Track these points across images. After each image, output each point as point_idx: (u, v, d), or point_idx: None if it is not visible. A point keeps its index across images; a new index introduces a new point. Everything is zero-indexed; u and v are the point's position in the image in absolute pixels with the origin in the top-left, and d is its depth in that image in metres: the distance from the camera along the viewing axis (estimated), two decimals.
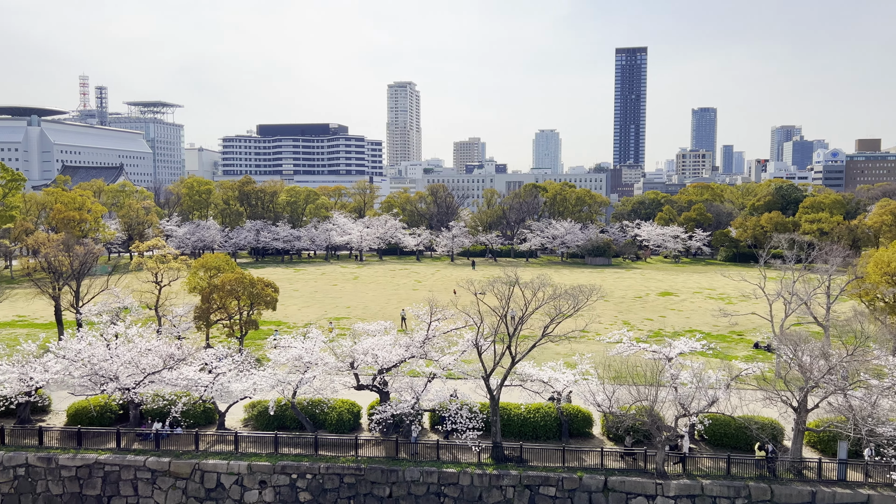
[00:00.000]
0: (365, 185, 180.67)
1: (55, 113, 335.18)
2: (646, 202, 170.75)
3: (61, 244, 62.71)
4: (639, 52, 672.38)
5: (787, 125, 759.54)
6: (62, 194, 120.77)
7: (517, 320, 39.85)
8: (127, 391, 42.00)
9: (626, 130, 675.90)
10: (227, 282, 56.45)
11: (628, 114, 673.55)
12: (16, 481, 39.78)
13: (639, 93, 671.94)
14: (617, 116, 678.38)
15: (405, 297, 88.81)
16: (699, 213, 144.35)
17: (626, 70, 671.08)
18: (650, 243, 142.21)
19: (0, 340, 50.34)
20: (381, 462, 38.68)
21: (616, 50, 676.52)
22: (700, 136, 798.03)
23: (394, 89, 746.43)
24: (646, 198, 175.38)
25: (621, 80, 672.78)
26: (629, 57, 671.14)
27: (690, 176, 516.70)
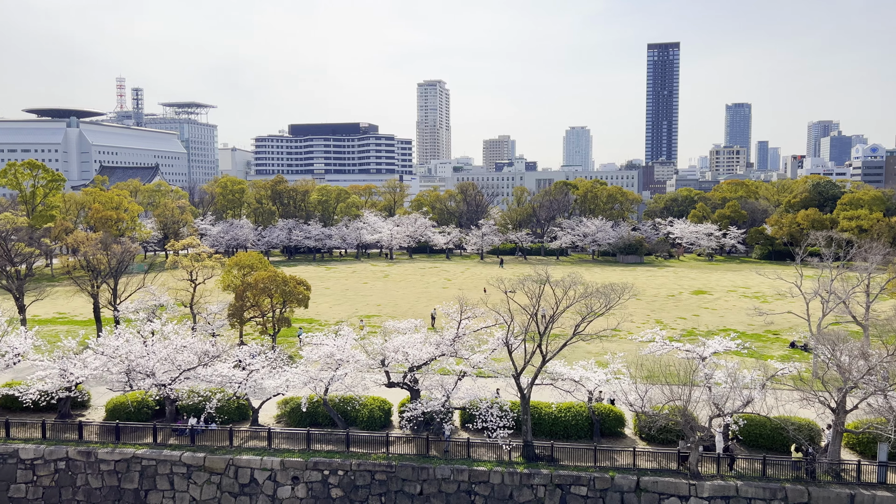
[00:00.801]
0: (395, 183, 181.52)
1: (93, 114, 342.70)
2: (678, 199, 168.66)
3: (99, 243, 64.08)
4: (671, 48, 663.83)
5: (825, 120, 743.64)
6: (100, 194, 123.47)
7: (548, 319, 39.68)
8: (163, 387, 42.81)
9: (659, 127, 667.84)
10: (260, 280, 57.15)
11: (660, 110, 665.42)
12: (57, 474, 40.82)
13: (671, 89, 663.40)
14: (649, 113, 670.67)
15: (435, 296, 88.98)
16: (733, 211, 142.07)
17: (659, 66, 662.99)
18: (683, 241, 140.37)
19: (41, 337, 51.63)
20: (411, 459, 38.85)
21: (648, 46, 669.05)
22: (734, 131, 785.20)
23: (423, 88, 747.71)
24: (678, 195, 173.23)
25: (653, 76, 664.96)
26: (661, 53, 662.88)
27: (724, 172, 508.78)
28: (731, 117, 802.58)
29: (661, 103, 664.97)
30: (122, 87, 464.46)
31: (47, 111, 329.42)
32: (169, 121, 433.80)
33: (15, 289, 64.85)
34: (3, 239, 70.01)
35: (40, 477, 40.82)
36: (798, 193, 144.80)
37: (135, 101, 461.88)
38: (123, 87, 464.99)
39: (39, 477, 40.82)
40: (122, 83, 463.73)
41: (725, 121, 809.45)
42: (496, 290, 54.91)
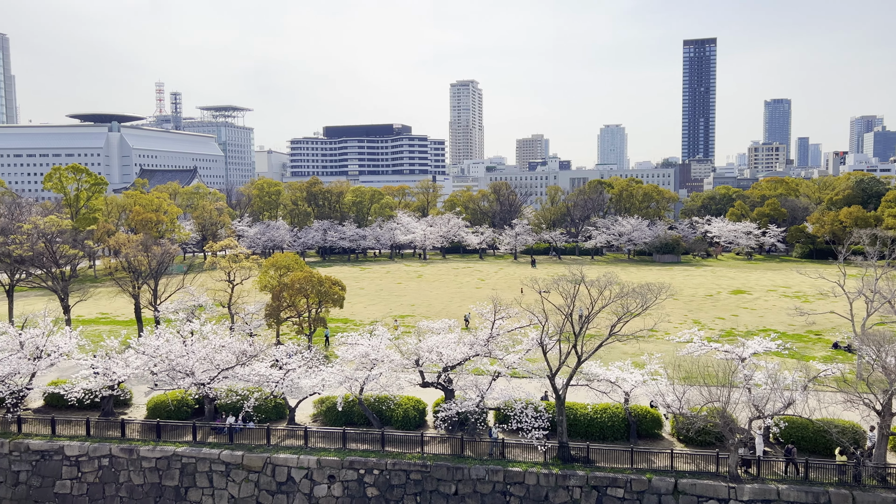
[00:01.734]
0: (428, 184, 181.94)
1: (133, 119, 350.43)
2: (716, 197, 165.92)
3: (140, 245, 65.49)
4: (707, 44, 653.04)
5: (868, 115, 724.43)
6: (140, 197, 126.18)
7: (583, 319, 39.37)
8: (202, 386, 43.57)
9: (695, 124, 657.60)
10: (296, 280, 57.81)
11: (697, 107, 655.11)
12: (100, 471, 41.83)
13: (708, 85, 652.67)
14: (685, 110, 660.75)
15: (468, 296, 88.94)
16: (773, 209, 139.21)
17: (695, 62, 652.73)
18: (721, 240, 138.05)
19: (85, 337, 53.02)
20: (446, 459, 38.89)
21: (684, 42, 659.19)
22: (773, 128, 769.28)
23: (456, 88, 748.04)
24: (716, 193, 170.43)
25: (689, 73, 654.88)
26: (697, 49, 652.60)
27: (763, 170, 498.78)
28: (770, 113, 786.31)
29: (697, 100, 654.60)
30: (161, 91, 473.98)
31: (90, 116, 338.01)
32: (206, 124, 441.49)
33: (60, 289, 66.62)
34: (48, 241, 71.97)
35: (85, 473, 41.87)
36: (840, 190, 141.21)
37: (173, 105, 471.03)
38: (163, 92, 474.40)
39: (84, 473, 41.88)
40: (161, 88, 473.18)
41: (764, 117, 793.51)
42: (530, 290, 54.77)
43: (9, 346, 47.17)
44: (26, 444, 42.57)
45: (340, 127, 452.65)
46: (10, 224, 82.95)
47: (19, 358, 46.11)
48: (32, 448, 42.45)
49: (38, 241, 71.93)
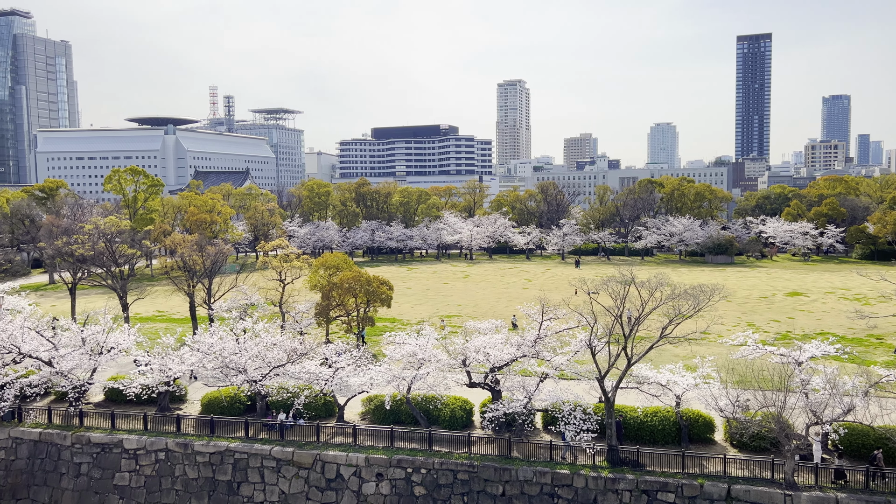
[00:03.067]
0: (474, 184, 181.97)
1: (188, 122, 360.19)
2: (771, 197, 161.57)
3: (195, 244, 67.22)
4: (762, 39, 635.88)
5: None
6: (195, 198, 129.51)
7: (633, 321, 38.81)
8: (254, 383, 44.50)
9: (749, 121, 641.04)
10: (345, 280, 58.53)
11: (751, 104, 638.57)
12: (157, 464, 43.11)
13: (763, 81, 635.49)
14: (739, 107, 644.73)
15: (515, 296, 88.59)
16: (831, 208, 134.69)
17: (749, 58, 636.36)
18: (776, 240, 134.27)
19: (142, 334, 54.68)
20: (493, 460, 38.83)
21: (737, 38, 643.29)
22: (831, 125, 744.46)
23: (503, 88, 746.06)
24: (771, 192, 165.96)
25: (743, 69, 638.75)
26: (752, 44, 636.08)
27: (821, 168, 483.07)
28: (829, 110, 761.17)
29: (751, 97, 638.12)
30: (214, 95, 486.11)
31: (147, 120, 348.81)
32: (258, 127, 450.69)
33: (119, 288, 68.91)
34: (108, 241, 74.51)
35: (142, 466, 43.22)
36: None
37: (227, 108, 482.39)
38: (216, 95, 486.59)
39: (141, 466, 43.23)
40: (214, 91, 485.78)
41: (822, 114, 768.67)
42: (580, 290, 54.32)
43: (72, 341, 49.05)
44: (88, 437, 44.16)
45: (388, 128, 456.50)
46: (72, 224, 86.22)
47: (81, 353, 47.90)
48: (93, 441, 44.02)
49: (98, 240, 74.53)
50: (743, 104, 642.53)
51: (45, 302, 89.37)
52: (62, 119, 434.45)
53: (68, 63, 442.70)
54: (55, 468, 44.42)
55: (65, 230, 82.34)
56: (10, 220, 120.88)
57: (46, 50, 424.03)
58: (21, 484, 44.57)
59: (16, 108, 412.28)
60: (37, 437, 45.01)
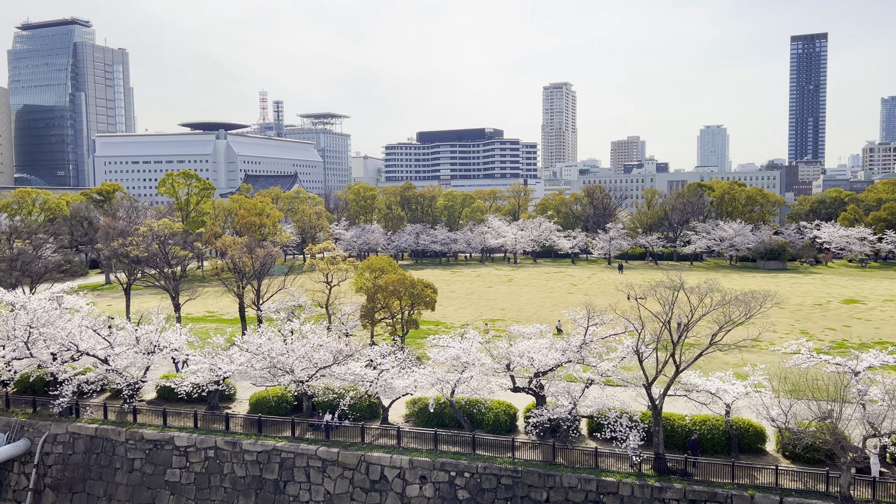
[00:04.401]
0: (519, 187, 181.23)
1: (238, 127, 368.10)
2: (826, 201, 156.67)
3: (245, 247, 68.61)
4: (817, 39, 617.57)
5: None
6: (245, 201, 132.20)
7: (682, 327, 38.09)
8: (301, 383, 45.16)
9: (804, 124, 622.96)
10: (390, 283, 58.95)
11: (805, 105, 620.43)
12: (206, 462, 44.09)
13: (817, 82, 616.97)
14: (792, 109, 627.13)
15: (560, 301, 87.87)
16: (891, 213, 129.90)
17: (803, 59, 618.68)
18: (832, 246, 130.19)
19: (194, 334, 56.02)
20: (538, 466, 38.57)
21: (791, 38, 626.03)
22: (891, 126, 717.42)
23: (549, 91, 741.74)
24: (826, 196, 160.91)
25: (797, 70, 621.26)
26: (806, 45, 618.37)
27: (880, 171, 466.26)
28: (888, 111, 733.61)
29: (806, 98, 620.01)
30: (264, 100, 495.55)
31: (199, 125, 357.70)
32: (306, 131, 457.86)
33: (172, 288, 70.78)
34: (162, 243, 76.62)
35: (192, 463, 44.24)
36: None
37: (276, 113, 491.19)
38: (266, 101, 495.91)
39: (192, 463, 44.26)
40: (264, 96, 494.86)
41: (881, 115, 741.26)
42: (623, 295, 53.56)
43: (126, 340, 50.58)
44: (141, 434, 45.45)
45: (433, 132, 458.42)
46: (128, 226, 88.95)
47: (135, 352, 49.34)
48: (146, 437, 45.28)
49: (152, 242, 76.71)
50: (797, 106, 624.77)
51: (102, 301, 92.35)
52: (119, 124, 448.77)
53: (125, 70, 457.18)
54: (110, 463, 45.82)
55: (120, 232, 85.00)
56: (70, 222, 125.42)
57: (105, 57, 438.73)
58: (77, 477, 46.11)
59: (76, 114, 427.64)
60: (93, 432, 46.52)
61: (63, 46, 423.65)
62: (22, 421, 48.20)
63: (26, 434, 47.76)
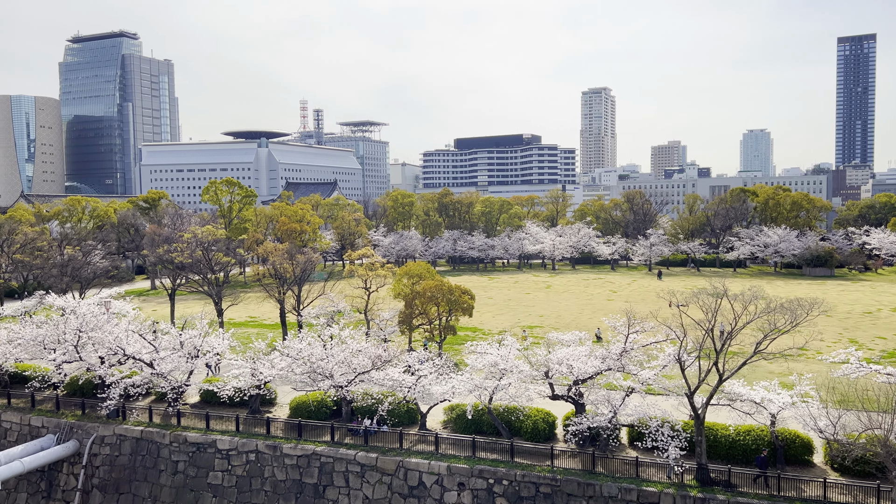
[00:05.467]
0: (557, 193, 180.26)
1: (280, 135, 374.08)
2: (876, 206, 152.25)
3: (286, 253, 69.63)
4: (865, 40, 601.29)
5: None
6: (286, 208, 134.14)
7: (725, 335, 37.36)
8: (340, 388, 45.55)
9: (851, 127, 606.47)
10: (427, 289, 59.15)
11: (853, 108, 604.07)
12: (248, 465, 44.74)
13: (866, 84, 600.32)
14: (840, 112, 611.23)
15: (599, 308, 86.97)
16: None
17: (851, 60, 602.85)
18: (882, 252, 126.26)
19: (236, 338, 56.99)
20: (577, 475, 38.17)
21: (838, 39, 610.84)
22: None
23: (588, 96, 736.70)
24: (876, 201, 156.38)
25: (844, 72, 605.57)
26: (854, 46, 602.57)
27: None
28: None
29: (853, 101, 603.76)
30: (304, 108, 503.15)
31: (241, 133, 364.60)
32: (346, 139, 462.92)
33: (214, 294, 72.16)
34: (205, 249, 78.21)
35: (234, 466, 44.94)
36: None
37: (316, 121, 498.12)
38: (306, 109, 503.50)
39: (233, 466, 44.96)
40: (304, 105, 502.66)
41: None
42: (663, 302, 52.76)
43: (171, 344, 51.71)
44: (184, 437, 46.35)
45: (471, 139, 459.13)
46: (172, 233, 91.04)
47: (179, 356, 50.40)
48: (189, 440, 46.16)
49: (196, 249, 78.37)
50: (844, 109, 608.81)
51: (147, 306, 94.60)
52: (164, 133, 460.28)
53: (170, 80, 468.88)
54: (154, 465, 46.83)
55: (165, 238, 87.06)
56: (118, 229, 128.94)
57: (151, 69, 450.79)
58: (124, 478, 47.24)
59: (123, 124, 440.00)
60: (138, 434, 47.62)
61: (111, 58, 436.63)
62: (71, 422, 49.61)
63: (75, 435, 49.14)
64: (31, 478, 49.43)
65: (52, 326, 54.14)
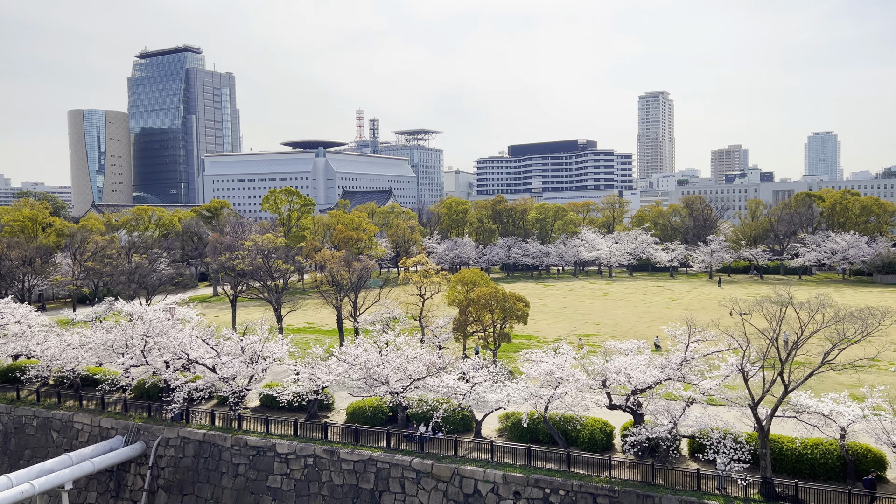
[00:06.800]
0: (614, 199, 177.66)
1: (336, 145, 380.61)
2: None
3: (342, 260, 70.70)
4: None
5: None
6: (343, 216, 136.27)
7: (790, 344, 36.11)
8: (396, 394, 45.89)
9: None
10: (482, 296, 59.08)
11: None
12: (306, 469, 45.46)
13: None
14: None
15: (658, 316, 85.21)
16: None
17: None
18: None
19: (294, 344, 58.04)
20: (636, 486, 37.43)
21: None
22: None
23: (645, 100, 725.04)
24: None
25: None
26: None
27: None
28: None
29: None
30: (360, 118, 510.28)
31: (300, 143, 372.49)
32: (400, 147, 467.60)
33: (274, 301, 73.74)
34: (265, 257, 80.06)
35: (293, 470, 45.74)
36: None
37: (371, 131, 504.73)
38: (362, 119, 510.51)
39: (292, 470, 45.76)
40: (360, 115, 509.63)
41: None
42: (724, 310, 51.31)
43: (232, 350, 53.07)
44: (245, 440, 47.44)
45: (524, 145, 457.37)
46: (234, 241, 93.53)
47: (240, 361, 51.67)
48: (250, 444, 47.22)
49: (256, 256, 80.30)
50: None
51: (210, 313, 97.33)
52: (226, 144, 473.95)
53: (232, 92, 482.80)
54: (216, 467, 48.06)
55: (227, 246, 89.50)
56: (182, 238, 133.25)
57: (213, 81, 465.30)
58: (188, 480, 48.64)
59: (187, 136, 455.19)
60: (201, 437, 48.97)
61: (176, 72, 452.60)
62: (138, 425, 51.40)
63: (142, 437, 50.88)
64: (101, 477, 51.38)
65: (120, 331, 56.31)
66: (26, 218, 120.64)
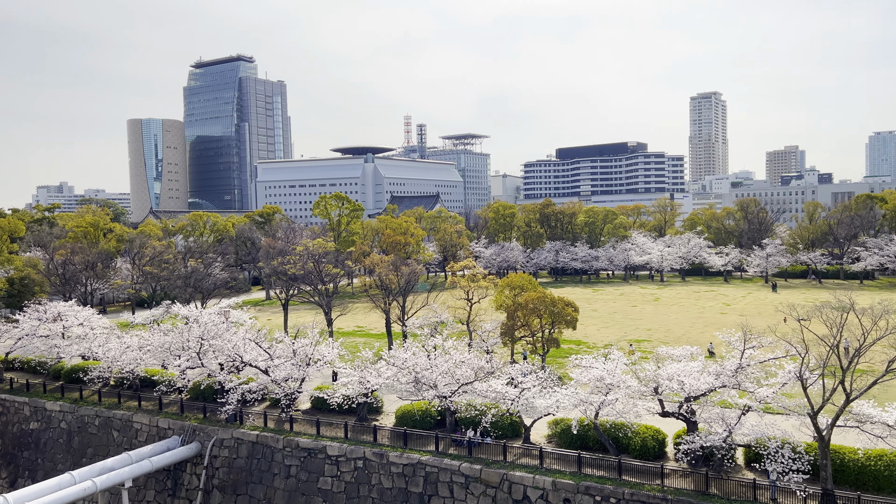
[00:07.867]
0: (665, 202, 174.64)
1: (384, 150, 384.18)
2: None
3: (391, 265, 71.29)
4: None
5: None
6: (391, 221, 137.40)
7: (852, 352, 34.86)
8: (444, 399, 45.97)
9: None
10: (530, 300, 58.76)
11: None
12: (356, 472, 45.92)
13: None
14: None
15: (712, 322, 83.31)
16: None
17: None
18: None
19: (344, 347, 58.73)
20: (689, 495, 36.63)
21: None
22: None
23: (696, 101, 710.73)
24: None
25: None
26: None
27: None
28: None
29: None
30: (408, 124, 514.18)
31: (349, 149, 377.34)
32: (448, 152, 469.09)
33: (324, 304, 74.79)
34: (316, 261, 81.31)
35: (343, 473, 46.26)
36: None
37: (419, 136, 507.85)
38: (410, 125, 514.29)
39: (342, 472, 46.28)
40: (408, 121, 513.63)
41: None
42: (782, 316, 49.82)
43: (284, 353, 54.00)
44: (296, 442, 48.21)
45: (572, 148, 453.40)
46: (286, 246, 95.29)
47: (292, 364, 52.55)
48: (301, 445, 47.96)
49: (307, 261, 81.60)
50: None
51: (263, 316, 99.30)
52: (277, 151, 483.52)
53: (283, 100, 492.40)
54: (269, 468, 48.95)
55: (279, 251, 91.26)
56: (235, 243, 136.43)
57: (265, 90, 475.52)
58: (241, 480, 49.67)
59: (240, 143, 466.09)
60: (254, 438, 49.97)
61: (230, 81, 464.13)
62: (194, 425, 52.75)
63: (197, 437, 52.21)
64: (159, 476, 52.91)
65: (177, 334, 57.93)
66: (89, 224, 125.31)
